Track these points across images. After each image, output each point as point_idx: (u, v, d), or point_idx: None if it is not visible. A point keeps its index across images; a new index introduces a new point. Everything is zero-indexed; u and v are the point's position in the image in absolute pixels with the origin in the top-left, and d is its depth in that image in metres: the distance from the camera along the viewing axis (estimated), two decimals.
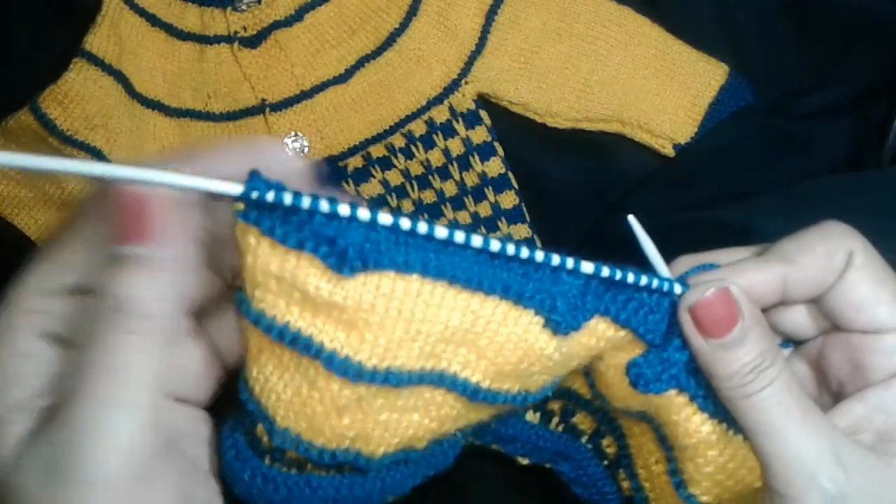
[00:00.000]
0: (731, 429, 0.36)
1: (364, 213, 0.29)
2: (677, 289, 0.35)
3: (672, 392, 0.36)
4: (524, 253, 0.32)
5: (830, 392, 0.38)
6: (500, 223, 0.64)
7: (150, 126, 0.62)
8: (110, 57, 0.60)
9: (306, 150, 0.63)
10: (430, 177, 0.64)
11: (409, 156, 0.64)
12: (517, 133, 0.65)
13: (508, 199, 0.64)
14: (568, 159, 0.66)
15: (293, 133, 0.63)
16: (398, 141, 0.64)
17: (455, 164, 0.64)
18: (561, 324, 0.33)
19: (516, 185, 0.64)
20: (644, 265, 0.36)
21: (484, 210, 0.64)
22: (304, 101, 0.64)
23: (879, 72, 0.62)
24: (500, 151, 0.64)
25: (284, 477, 0.34)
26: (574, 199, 0.66)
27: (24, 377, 0.30)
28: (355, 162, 0.64)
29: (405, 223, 0.30)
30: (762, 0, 0.64)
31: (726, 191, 0.60)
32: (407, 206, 0.63)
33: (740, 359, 0.33)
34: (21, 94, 0.59)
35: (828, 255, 0.35)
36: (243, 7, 0.62)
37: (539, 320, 0.32)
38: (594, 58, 0.64)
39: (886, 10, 0.61)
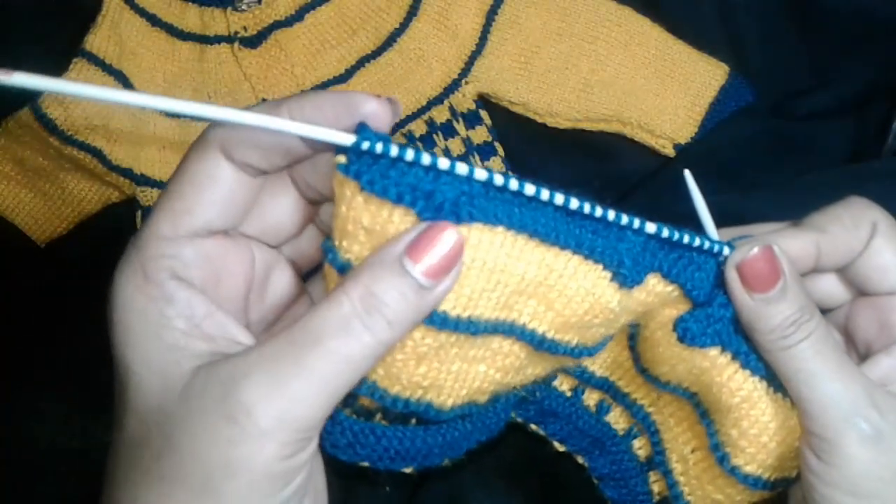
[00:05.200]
0: (771, 386, 0.38)
1: (462, 168, 0.31)
2: (725, 250, 0.38)
3: (715, 352, 0.38)
4: (598, 212, 0.34)
5: (859, 355, 0.41)
6: None
7: (150, 126, 0.62)
8: (110, 57, 0.60)
9: None
10: None
11: None
12: (517, 133, 0.65)
13: None
14: (568, 159, 0.66)
15: None
16: (398, 141, 0.64)
17: None
18: (627, 277, 0.36)
19: None
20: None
21: None
22: None
23: (879, 72, 0.62)
24: (501, 151, 0.64)
25: (351, 423, 0.36)
26: None
27: (173, 320, 0.32)
28: None
29: (499, 179, 0.32)
30: (763, 0, 0.64)
31: (726, 191, 0.60)
32: None
33: (782, 312, 0.36)
34: (21, 94, 0.59)
35: (854, 225, 0.39)
36: (243, 7, 0.62)
37: (607, 274, 0.35)
38: (594, 58, 0.64)
39: (886, 10, 0.61)
